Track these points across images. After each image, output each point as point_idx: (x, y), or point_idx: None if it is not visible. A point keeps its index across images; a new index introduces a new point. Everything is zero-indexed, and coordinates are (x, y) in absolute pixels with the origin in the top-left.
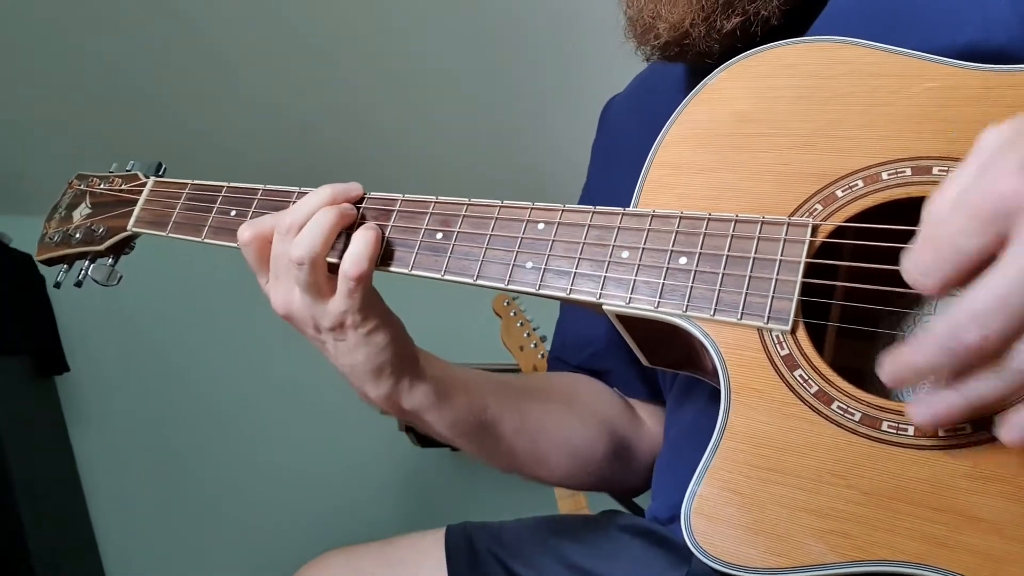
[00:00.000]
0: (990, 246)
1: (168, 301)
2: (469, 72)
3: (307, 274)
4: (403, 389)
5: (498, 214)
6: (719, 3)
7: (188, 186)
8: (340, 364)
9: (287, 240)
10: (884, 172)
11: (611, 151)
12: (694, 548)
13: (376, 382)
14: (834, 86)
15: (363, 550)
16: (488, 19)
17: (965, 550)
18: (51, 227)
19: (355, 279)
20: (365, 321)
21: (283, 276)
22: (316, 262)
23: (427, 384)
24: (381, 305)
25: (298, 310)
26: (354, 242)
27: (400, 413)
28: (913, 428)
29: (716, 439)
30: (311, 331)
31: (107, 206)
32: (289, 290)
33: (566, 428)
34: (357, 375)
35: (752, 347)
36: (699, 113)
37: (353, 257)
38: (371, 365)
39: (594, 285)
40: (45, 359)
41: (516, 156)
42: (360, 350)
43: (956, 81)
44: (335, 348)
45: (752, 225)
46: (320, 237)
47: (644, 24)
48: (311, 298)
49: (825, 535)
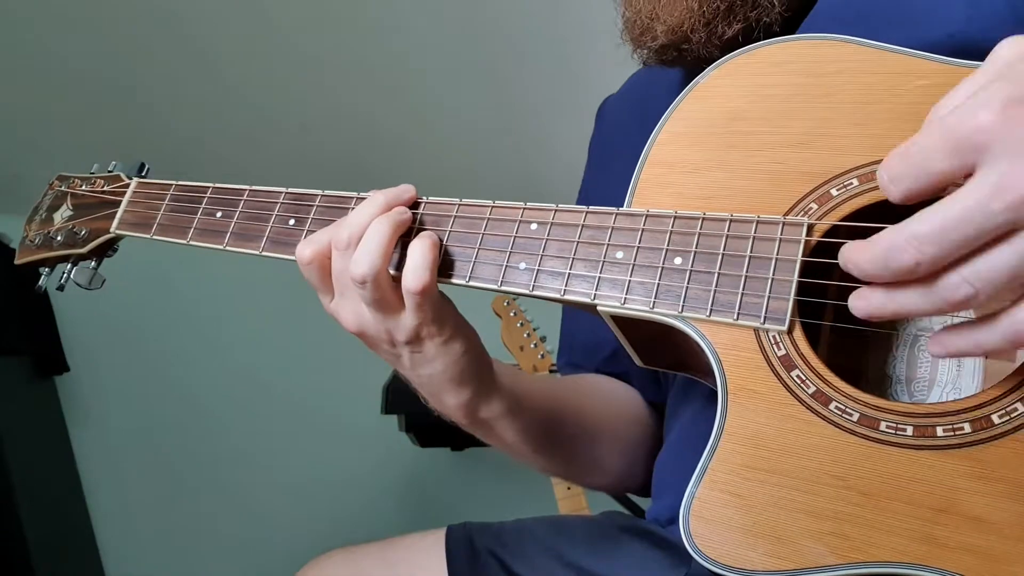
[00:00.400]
0: (955, 172)
1: (168, 301)
2: (463, 72)
3: (371, 291)
4: (481, 398)
5: (490, 214)
6: (720, 9)
7: (172, 187)
8: (418, 375)
9: (347, 256)
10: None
11: (607, 151)
12: (692, 551)
13: (456, 390)
14: (827, 84)
15: (364, 550)
16: (485, 20)
17: (964, 550)
18: (32, 229)
19: (419, 293)
20: (441, 331)
21: (349, 293)
22: (378, 278)
23: (503, 392)
24: (454, 313)
25: (371, 327)
26: (411, 254)
27: (473, 422)
28: (912, 428)
29: (713, 441)
30: (386, 346)
31: (89, 208)
32: (358, 307)
33: (616, 432)
34: (436, 384)
35: (749, 348)
36: (692, 112)
37: (412, 270)
38: (450, 374)
39: (588, 286)
40: (45, 359)
41: (511, 156)
42: (438, 360)
43: (948, 78)
44: (411, 360)
45: (747, 224)
46: (378, 251)
47: (642, 25)
48: (381, 314)
49: (824, 537)
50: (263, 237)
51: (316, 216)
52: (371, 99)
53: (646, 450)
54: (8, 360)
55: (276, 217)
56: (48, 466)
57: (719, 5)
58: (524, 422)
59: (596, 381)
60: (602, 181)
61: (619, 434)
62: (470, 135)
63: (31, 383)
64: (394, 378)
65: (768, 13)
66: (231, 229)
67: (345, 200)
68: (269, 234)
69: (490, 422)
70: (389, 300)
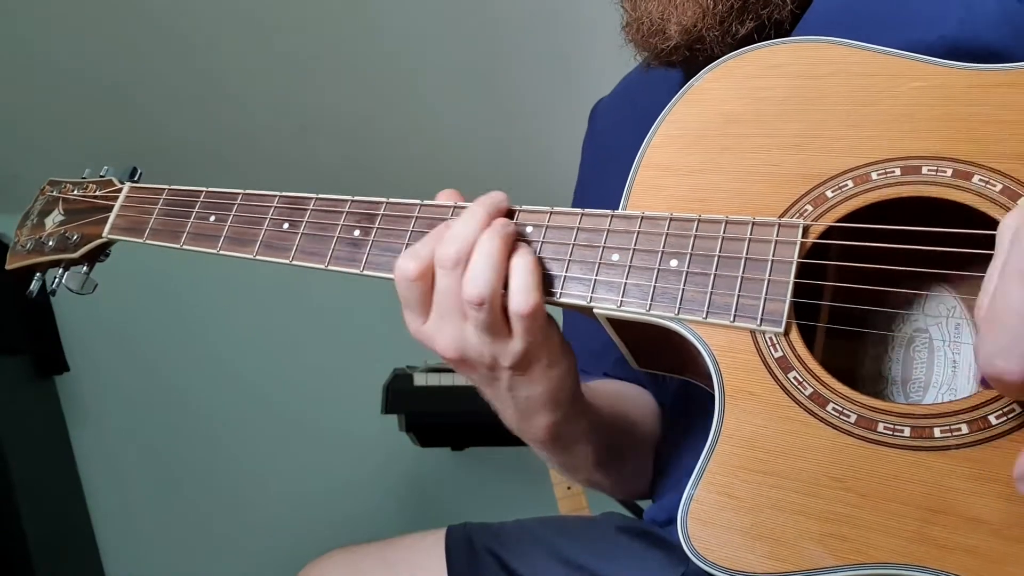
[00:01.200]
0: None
1: (168, 301)
2: (459, 75)
3: (487, 314)
4: (570, 417)
5: None
6: (734, 7)
7: (165, 191)
8: (514, 396)
9: (455, 275)
10: (874, 172)
11: (600, 153)
12: (691, 553)
13: (552, 411)
14: (821, 86)
15: (364, 550)
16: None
17: (962, 551)
18: (23, 234)
19: (529, 315)
20: (549, 354)
21: (452, 315)
22: (494, 300)
23: (588, 410)
24: (559, 333)
25: (475, 351)
26: (514, 273)
27: (552, 441)
28: (909, 429)
29: (711, 443)
30: (485, 371)
31: (81, 213)
32: (461, 330)
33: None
34: (532, 406)
35: (745, 349)
36: (686, 114)
37: (520, 291)
38: (548, 396)
39: (584, 288)
40: (45, 359)
41: (506, 158)
42: (540, 383)
43: (943, 80)
44: (511, 383)
45: (743, 226)
46: (494, 270)
47: (652, 26)
48: (490, 338)
49: (823, 538)
50: (257, 241)
51: (310, 220)
52: (369, 101)
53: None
54: (8, 360)
55: (270, 221)
56: (48, 466)
57: (733, 3)
58: (595, 438)
59: (626, 388)
60: (596, 183)
61: (654, 438)
62: (466, 137)
63: (31, 383)
64: (394, 378)
65: (780, 11)
66: (225, 233)
67: (339, 203)
68: (263, 238)
69: (568, 440)
70: (501, 324)
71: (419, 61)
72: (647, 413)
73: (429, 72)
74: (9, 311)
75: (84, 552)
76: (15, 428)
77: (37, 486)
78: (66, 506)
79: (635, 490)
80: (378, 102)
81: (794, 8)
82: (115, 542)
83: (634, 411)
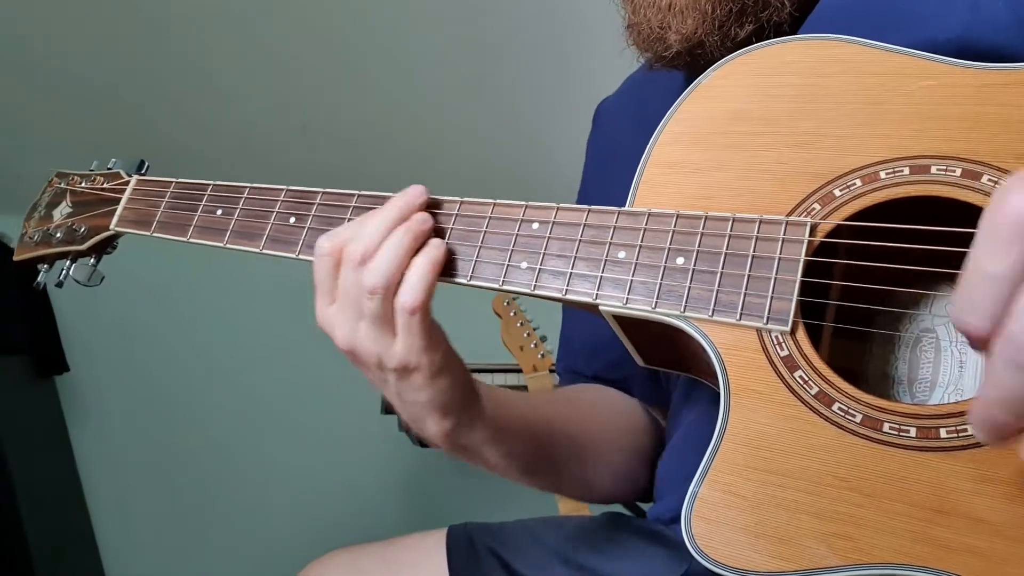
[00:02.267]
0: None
1: (168, 301)
2: (463, 74)
3: (378, 305)
4: (464, 426)
5: (492, 213)
6: (732, 11)
7: (172, 184)
8: (403, 402)
9: (359, 271)
10: (882, 171)
11: (604, 152)
12: (694, 551)
13: (440, 420)
14: (830, 84)
15: (364, 550)
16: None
17: (967, 552)
18: (30, 226)
19: (411, 311)
20: (431, 363)
21: (351, 307)
22: (388, 292)
23: (487, 420)
24: (445, 343)
25: (363, 346)
26: (410, 268)
27: (455, 448)
28: (915, 430)
29: (716, 441)
30: (375, 369)
31: (89, 205)
32: (355, 323)
33: (609, 448)
34: (420, 412)
35: (751, 348)
36: (694, 112)
37: (409, 287)
38: (434, 404)
39: (590, 285)
40: (45, 359)
41: (509, 156)
42: (424, 391)
43: (953, 79)
44: (398, 387)
45: (750, 224)
46: (394, 263)
47: (652, 35)
48: (378, 332)
49: (827, 538)
50: (264, 235)
51: (316, 214)
52: (370, 102)
53: (642, 460)
54: (8, 360)
55: (277, 215)
56: (48, 466)
57: (731, 7)
58: (507, 447)
59: (590, 396)
60: (601, 182)
61: (611, 450)
62: (469, 136)
63: (31, 383)
64: None
65: (779, 13)
66: (231, 227)
67: (346, 198)
68: (270, 232)
69: (472, 448)
70: (389, 320)
71: (422, 62)
72: (606, 422)
73: (432, 73)
74: (9, 311)
75: (84, 552)
76: (15, 428)
77: (37, 486)
78: (66, 506)
79: (587, 495)
80: (378, 103)
81: (793, 11)
82: (115, 542)
83: (584, 422)
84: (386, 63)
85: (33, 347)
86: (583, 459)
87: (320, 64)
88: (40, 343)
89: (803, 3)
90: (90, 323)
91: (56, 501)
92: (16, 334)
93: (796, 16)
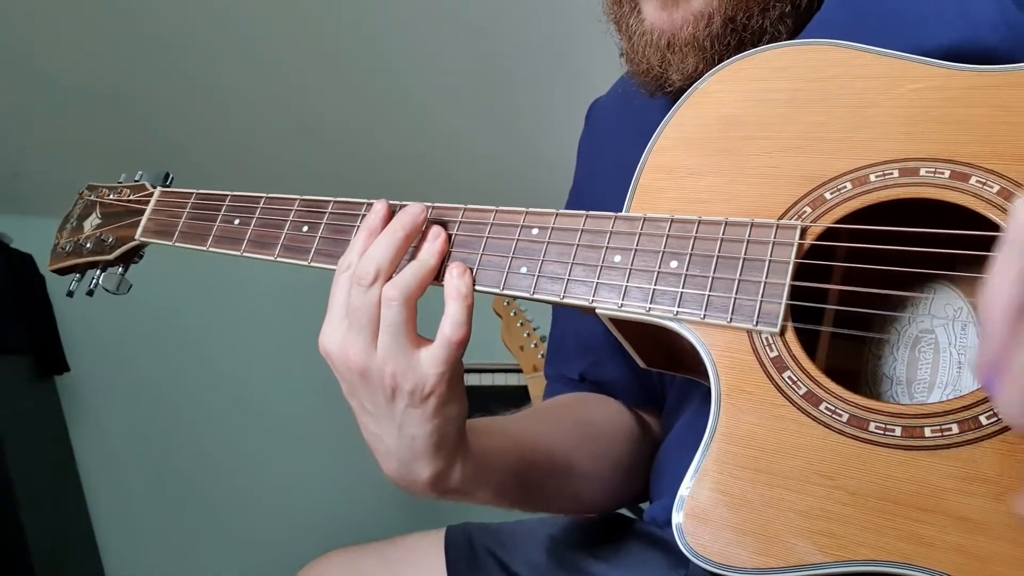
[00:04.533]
0: None
1: (169, 301)
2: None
3: (397, 311)
4: (454, 467)
5: (493, 219)
6: (730, 46)
7: (193, 196)
8: (400, 435)
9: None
10: (872, 174)
11: (596, 152)
12: (685, 549)
13: (432, 458)
14: (823, 88)
15: (364, 550)
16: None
17: (952, 550)
18: (63, 237)
19: (459, 344)
20: (451, 390)
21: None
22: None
23: (474, 460)
24: (461, 371)
25: (379, 363)
26: (449, 301)
27: (442, 493)
28: (900, 429)
29: (707, 441)
30: (384, 395)
31: (116, 216)
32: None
33: (593, 465)
34: (416, 449)
35: (742, 349)
36: (690, 117)
37: (454, 323)
38: (435, 438)
39: (587, 290)
40: (45, 359)
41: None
42: (431, 422)
43: (942, 82)
44: (403, 417)
45: (742, 228)
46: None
47: (652, 71)
48: (399, 346)
49: (812, 535)
50: (278, 243)
51: (328, 222)
52: (368, 105)
53: (632, 466)
54: (8, 360)
55: (290, 223)
56: (48, 466)
57: (729, 41)
58: (497, 485)
59: (576, 410)
60: (593, 181)
61: (600, 464)
62: (467, 139)
63: (31, 383)
64: None
65: (776, 40)
66: (248, 236)
67: (355, 207)
68: (283, 240)
69: (460, 489)
70: (412, 331)
71: (421, 64)
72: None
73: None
74: (9, 311)
75: (84, 552)
76: (15, 428)
77: (37, 486)
78: (66, 506)
79: (580, 510)
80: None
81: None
82: (115, 542)
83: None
84: (385, 66)
85: (33, 347)
86: (571, 478)
87: (320, 67)
88: (40, 343)
89: (799, 29)
90: (90, 323)
91: (56, 501)
92: (16, 334)
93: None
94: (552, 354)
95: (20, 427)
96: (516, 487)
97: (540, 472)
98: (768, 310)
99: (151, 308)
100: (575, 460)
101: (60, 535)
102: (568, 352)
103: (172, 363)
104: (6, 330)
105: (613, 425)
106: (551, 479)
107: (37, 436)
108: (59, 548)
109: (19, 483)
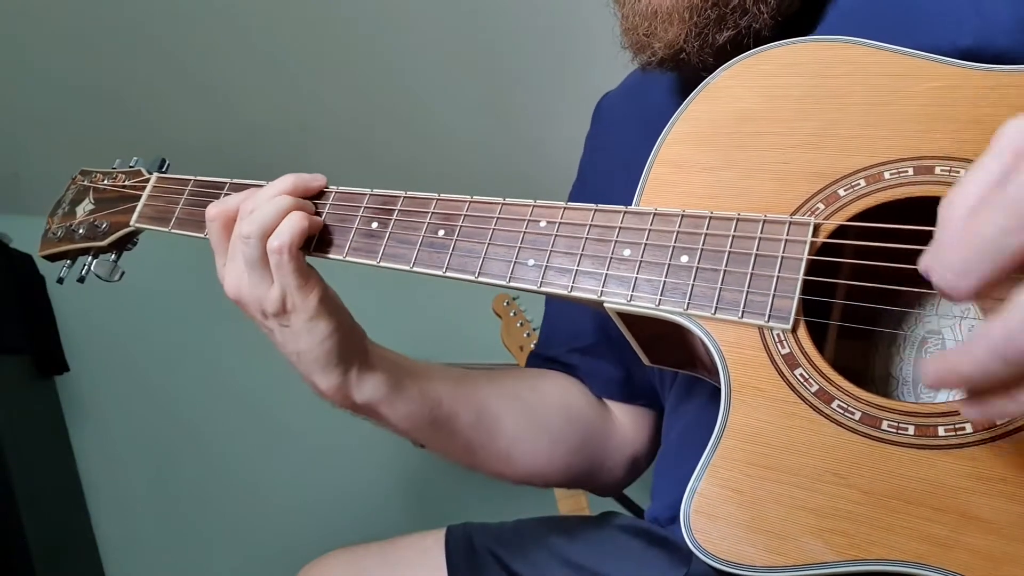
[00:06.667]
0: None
1: (169, 301)
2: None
3: (253, 248)
4: (352, 380)
5: (500, 212)
6: (711, 19)
7: (191, 182)
8: (287, 352)
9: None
10: (886, 171)
11: (604, 147)
12: (693, 546)
13: (324, 372)
14: (837, 85)
15: (364, 550)
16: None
17: (964, 550)
18: (54, 223)
19: (277, 251)
20: (305, 303)
21: (235, 258)
22: (263, 236)
23: (377, 376)
24: (323, 288)
25: (246, 291)
26: (284, 221)
27: (353, 407)
28: (913, 428)
29: (716, 437)
30: (259, 316)
31: (110, 202)
32: (240, 271)
33: (525, 423)
34: (305, 364)
35: (753, 345)
36: (701, 112)
37: (277, 233)
38: (316, 353)
39: (595, 283)
40: (45, 359)
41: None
42: (303, 337)
43: (958, 81)
44: (281, 335)
45: (754, 224)
46: (271, 216)
47: (640, 41)
48: (257, 277)
49: (823, 534)
50: None
51: (330, 212)
52: (369, 101)
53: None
54: (8, 360)
55: None
56: (48, 466)
57: (710, 14)
58: (407, 408)
59: (524, 375)
60: (599, 176)
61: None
62: (468, 135)
63: (31, 383)
64: None
65: (757, 19)
66: None
67: (357, 197)
68: None
69: (370, 406)
70: (265, 263)
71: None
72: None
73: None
74: (9, 311)
75: (84, 552)
76: (15, 428)
77: (37, 486)
78: (66, 506)
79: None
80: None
81: (772, 17)
82: (115, 542)
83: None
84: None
85: (33, 347)
86: (497, 436)
87: (319, 64)
88: (40, 343)
89: (783, 9)
90: (90, 323)
91: (56, 501)
92: (16, 334)
93: (778, 21)
94: (542, 334)
95: (20, 427)
96: (430, 424)
97: (460, 422)
98: (780, 306)
99: (151, 308)
100: (505, 421)
101: (60, 535)
102: (554, 335)
103: (172, 363)
104: (6, 330)
105: (564, 400)
106: (473, 431)
107: (37, 436)
108: (59, 548)
109: (19, 483)
